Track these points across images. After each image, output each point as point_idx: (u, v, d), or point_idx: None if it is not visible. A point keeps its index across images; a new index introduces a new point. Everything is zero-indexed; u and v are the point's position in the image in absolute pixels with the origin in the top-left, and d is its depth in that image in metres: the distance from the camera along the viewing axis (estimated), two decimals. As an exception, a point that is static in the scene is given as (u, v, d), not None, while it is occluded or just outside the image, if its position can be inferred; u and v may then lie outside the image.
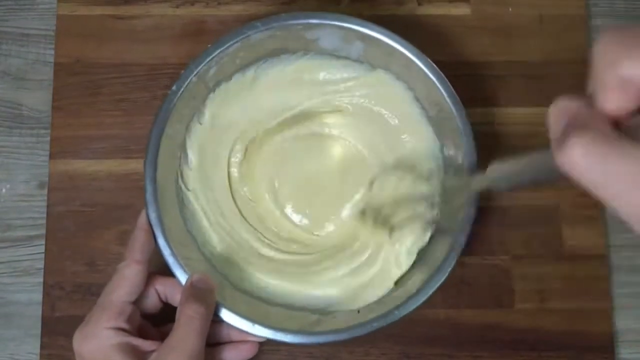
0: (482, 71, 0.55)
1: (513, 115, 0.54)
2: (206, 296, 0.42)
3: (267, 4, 0.56)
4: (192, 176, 0.49)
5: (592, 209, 0.53)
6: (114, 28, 0.55)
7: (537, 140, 0.54)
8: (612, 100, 0.25)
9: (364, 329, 0.43)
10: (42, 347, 0.50)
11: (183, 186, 0.48)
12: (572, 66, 0.55)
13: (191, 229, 0.48)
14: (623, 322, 0.53)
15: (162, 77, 0.53)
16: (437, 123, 0.49)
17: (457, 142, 0.47)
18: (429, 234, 0.47)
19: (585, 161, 0.24)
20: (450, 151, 0.48)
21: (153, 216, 0.44)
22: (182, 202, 0.48)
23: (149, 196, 0.44)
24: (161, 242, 0.44)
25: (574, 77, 0.55)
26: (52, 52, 0.55)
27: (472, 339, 0.51)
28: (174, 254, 0.44)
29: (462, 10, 0.56)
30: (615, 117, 0.25)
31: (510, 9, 0.56)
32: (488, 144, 0.53)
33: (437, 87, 0.46)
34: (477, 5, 0.56)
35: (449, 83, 0.46)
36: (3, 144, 0.54)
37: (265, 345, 0.50)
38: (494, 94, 0.55)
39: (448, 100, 0.46)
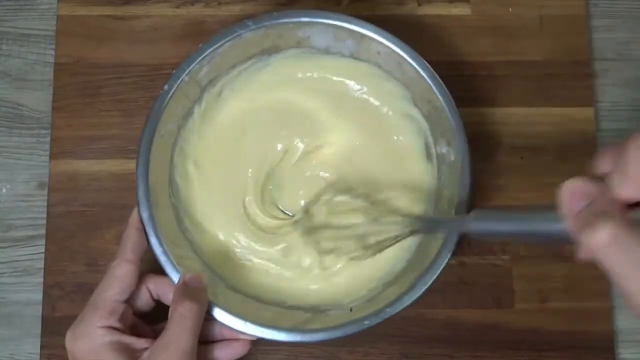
0: (482, 71, 0.55)
1: (513, 115, 0.54)
2: (199, 294, 0.42)
3: (267, 4, 0.56)
4: (188, 175, 0.49)
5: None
6: (114, 28, 0.55)
7: (537, 140, 0.54)
8: (630, 189, 0.29)
9: (356, 327, 0.43)
10: (42, 347, 0.50)
11: (178, 182, 0.49)
12: (572, 66, 0.55)
13: (185, 227, 0.48)
14: (623, 322, 0.53)
15: (162, 77, 0.53)
16: (429, 120, 0.49)
17: (449, 139, 0.47)
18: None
19: (611, 247, 0.28)
20: (443, 149, 0.48)
21: (145, 215, 0.44)
22: (176, 199, 0.48)
23: (141, 195, 0.44)
24: (153, 240, 0.44)
25: (574, 77, 0.55)
26: (52, 52, 0.55)
27: (472, 339, 0.51)
28: (165, 253, 0.44)
29: (462, 10, 0.56)
30: (625, 203, 0.29)
31: (510, 9, 0.56)
32: (488, 144, 0.54)
33: (428, 83, 0.46)
34: (477, 5, 0.56)
35: (439, 79, 0.46)
36: (3, 144, 0.54)
37: (266, 345, 0.50)
38: (494, 94, 0.55)
39: (439, 96, 0.46)
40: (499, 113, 0.54)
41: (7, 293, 0.52)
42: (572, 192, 0.31)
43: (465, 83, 0.54)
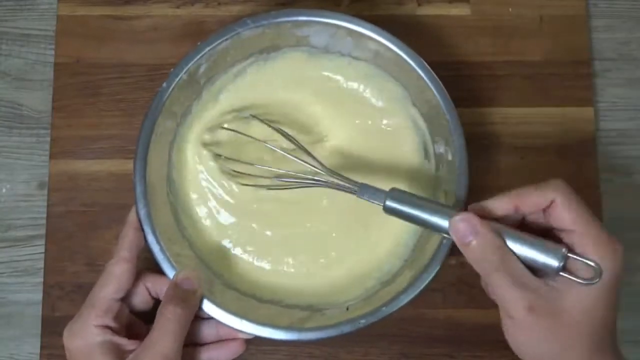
0: (482, 71, 0.55)
1: (513, 115, 0.54)
2: (188, 297, 0.42)
3: (266, 4, 0.56)
4: (189, 168, 0.50)
5: (592, 209, 0.53)
6: (114, 28, 0.55)
7: (537, 140, 0.54)
8: (504, 211, 0.40)
9: (353, 326, 0.43)
10: (42, 347, 0.50)
11: (175, 180, 0.49)
12: (572, 66, 0.55)
13: (183, 225, 0.48)
14: (623, 322, 0.52)
15: (162, 77, 0.53)
16: (428, 120, 0.49)
17: (447, 138, 0.47)
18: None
19: (478, 258, 0.39)
20: (440, 148, 0.48)
21: (143, 212, 0.44)
22: (173, 197, 0.49)
23: (139, 193, 0.45)
24: (150, 238, 0.44)
25: (574, 77, 0.55)
26: (52, 52, 0.55)
27: (472, 339, 0.51)
28: (163, 250, 0.44)
29: (462, 10, 0.56)
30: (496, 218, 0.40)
31: (510, 9, 0.56)
32: (488, 144, 0.54)
33: (426, 82, 0.46)
34: (477, 5, 0.56)
35: (437, 78, 0.46)
36: (3, 144, 0.54)
37: (265, 345, 0.50)
38: (493, 94, 0.55)
39: (437, 95, 0.46)
40: (499, 113, 0.54)
41: (7, 293, 0.52)
42: (459, 228, 0.39)
43: (465, 83, 0.54)
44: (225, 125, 0.50)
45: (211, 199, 0.50)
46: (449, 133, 0.46)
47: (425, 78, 0.46)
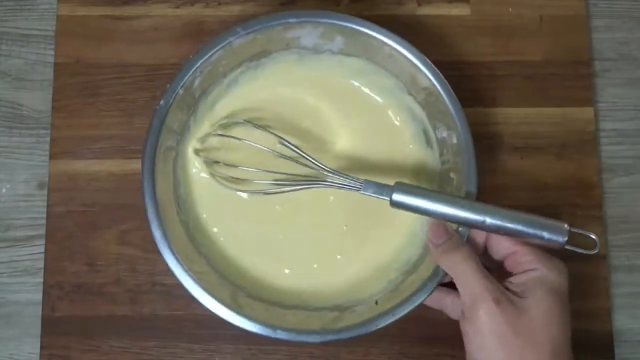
0: (482, 71, 0.55)
1: (513, 115, 0.54)
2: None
3: (266, 4, 0.56)
4: (198, 183, 0.50)
5: (592, 209, 0.53)
6: (114, 28, 0.55)
7: (537, 140, 0.54)
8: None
9: (386, 319, 0.43)
10: (42, 347, 0.50)
11: (184, 197, 0.49)
12: (572, 66, 0.55)
13: (198, 241, 0.48)
14: (622, 322, 0.53)
15: (162, 77, 0.53)
16: (426, 107, 0.49)
17: (448, 122, 0.47)
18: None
19: (451, 248, 0.42)
20: (443, 133, 0.48)
21: (158, 234, 0.44)
22: (184, 214, 0.48)
23: (151, 215, 0.44)
24: (170, 260, 0.44)
25: (574, 77, 0.55)
26: (52, 52, 0.55)
27: (472, 339, 0.51)
28: (186, 271, 0.43)
29: (462, 10, 0.56)
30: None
31: (510, 9, 0.56)
32: (488, 144, 0.54)
33: (422, 70, 0.46)
34: (477, 6, 0.56)
35: (433, 65, 0.46)
36: (3, 144, 0.54)
37: (266, 344, 0.50)
38: (493, 94, 0.55)
39: (434, 81, 0.46)
40: (499, 113, 0.54)
41: (7, 293, 0.52)
42: (436, 229, 0.43)
43: (465, 83, 0.54)
44: (219, 132, 0.50)
45: (220, 212, 0.50)
46: (449, 117, 0.46)
47: (419, 65, 0.46)
